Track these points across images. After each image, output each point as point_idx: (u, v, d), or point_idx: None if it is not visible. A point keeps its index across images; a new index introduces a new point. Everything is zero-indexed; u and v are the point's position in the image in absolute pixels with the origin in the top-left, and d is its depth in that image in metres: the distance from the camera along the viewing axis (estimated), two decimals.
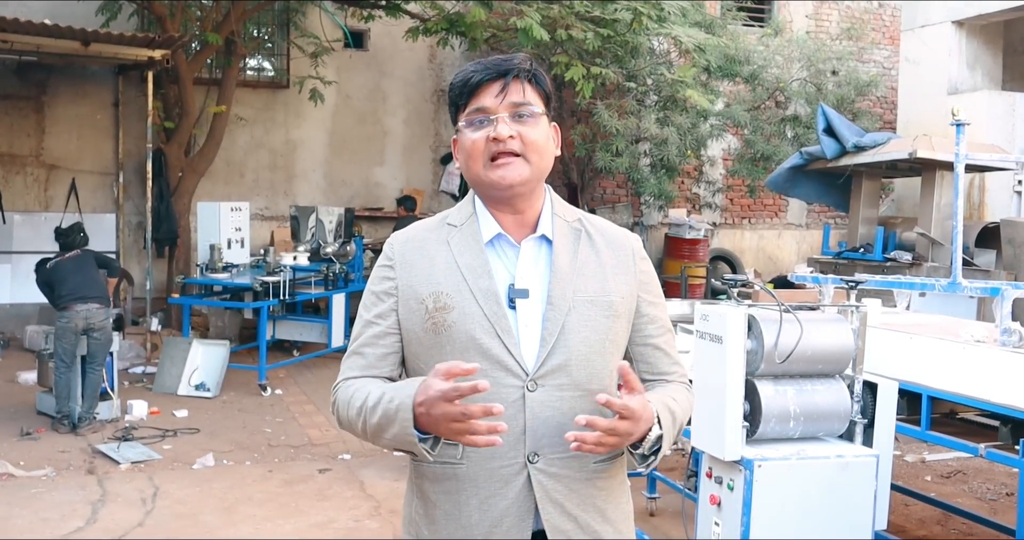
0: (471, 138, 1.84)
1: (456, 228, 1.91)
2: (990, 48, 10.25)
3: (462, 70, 1.89)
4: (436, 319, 1.83)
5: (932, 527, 5.38)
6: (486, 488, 1.81)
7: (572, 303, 1.84)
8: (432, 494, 1.87)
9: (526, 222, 1.90)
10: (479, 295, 1.83)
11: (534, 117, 1.84)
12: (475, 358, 1.79)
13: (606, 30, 9.33)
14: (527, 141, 1.83)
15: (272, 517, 5.28)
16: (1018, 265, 7.96)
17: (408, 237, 1.94)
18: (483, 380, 1.63)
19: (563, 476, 1.82)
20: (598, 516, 1.87)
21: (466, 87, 1.85)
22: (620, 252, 1.95)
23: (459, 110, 1.88)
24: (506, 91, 1.83)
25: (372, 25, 11.29)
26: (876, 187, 9.36)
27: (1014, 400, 3.89)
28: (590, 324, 1.85)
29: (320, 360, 9.77)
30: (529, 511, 1.81)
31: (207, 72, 11.10)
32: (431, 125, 12.58)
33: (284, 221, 11.67)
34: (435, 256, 1.88)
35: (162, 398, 7.96)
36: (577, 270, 1.88)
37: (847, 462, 3.63)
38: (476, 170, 1.85)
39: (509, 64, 1.85)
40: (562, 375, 1.82)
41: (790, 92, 11.94)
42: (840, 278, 4.20)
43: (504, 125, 1.81)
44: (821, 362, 3.71)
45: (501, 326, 1.81)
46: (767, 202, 13.99)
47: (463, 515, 1.83)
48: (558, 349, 1.82)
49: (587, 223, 1.96)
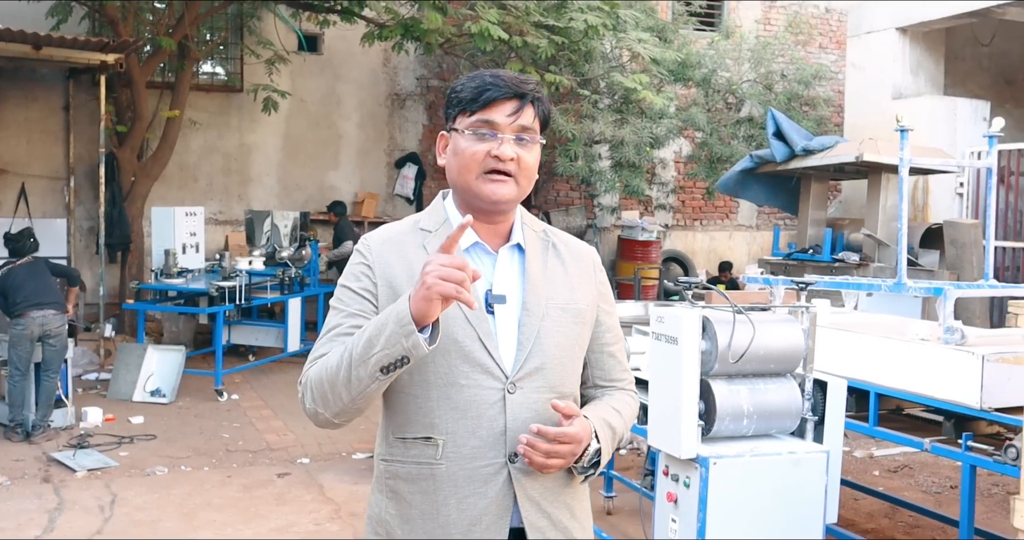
0: (472, 148, 1.88)
1: (431, 233, 1.94)
2: (932, 54, 10.52)
3: (477, 76, 1.91)
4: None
5: (880, 520, 5.54)
6: (465, 488, 1.85)
7: (546, 309, 1.92)
8: (407, 494, 1.89)
9: (500, 232, 1.96)
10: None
11: (532, 143, 1.91)
12: (456, 360, 1.85)
13: (560, 37, 9.43)
14: (523, 165, 1.89)
15: (232, 522, 5.28)
16: (961, 265, 8.19)
17: (385, 238, 1.96)
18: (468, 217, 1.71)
19: (540, 475, 1.88)
20: (567, 513, 1.94)
21: (480, 97, 1.88)
22: (582, 263, 2.04)
23: (463, 113, 1.90)
24: (519, 113, 1.88)
25: (326, 29, 11.28)
26: (824, 189, 9.57)
27: (957, 396, 4.04)
28: (562, 330, 1.93)
29: (276, 365, 9.75)
30: (507, 509, 1.86)
31: (160, 76, 11.02)
32: (385, 129, 12.59)
33: (238, 225, 11.62)
34: (413, 260, 1.90)
35: (117, 405, 7.90)
36: (548, 278, 1.96)
37: (799, 458, 3.74)
38: (468, 178, 1.89)
39: (526, 87, 1.89)
40: (539, 378, 1.89)
41: (742, 94, 12.16)
42: (791, 279, 4.32)
43: (509, 146, 1.87)
44: (773, 361, 3.82)
45: (482, 330, 1.86)
46: (718, 204, 14.20)
47: (441, 515, 1.86)
48: (535, 353, 1.89)
49: (551, 234, 2.04)
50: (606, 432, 1.93)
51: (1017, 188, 9.25)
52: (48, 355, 6.90)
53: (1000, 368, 3.96)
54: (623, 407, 2.04)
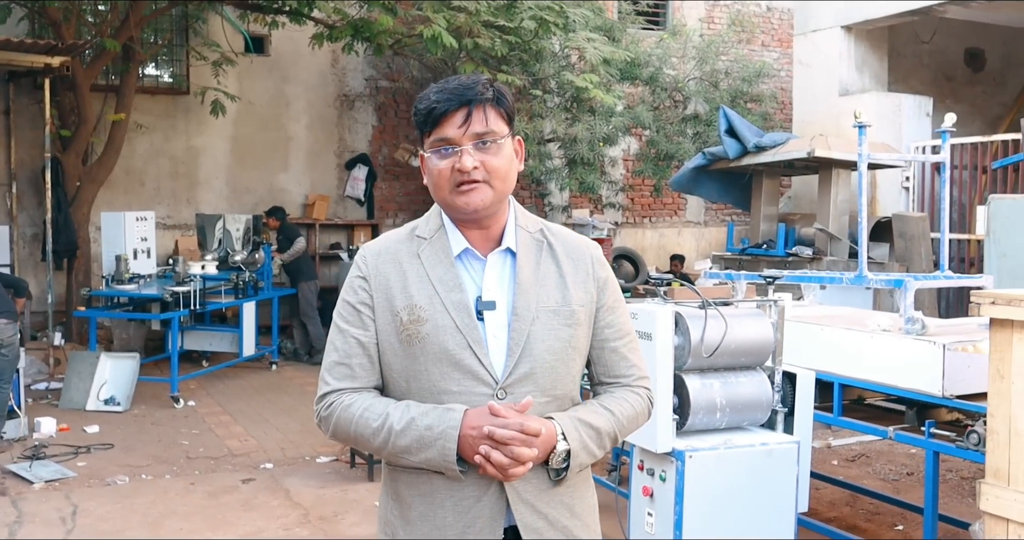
0: (437, 166, 1.92)
1: (426, 241, 1.98)
2: (876, 52, 10.75)
3: (425, 95, 1.94)
4: (410, 331, 1.91)
5: (842, 508, 5.65)
6: (461, 491, 1.89)
7: (536, 313, 1.93)
8: (408, 496, 1.95)
9: (491, 236, 1.98)
10: (451, 308, 1.91)
11: (497, 144, 1.91)
12: (448, 368, 1.89)
13: (512, 37, 9.45)
14: (490, 168, 1.90)
15: (199, 530, 5.21)
16: (910, 257, 8.39)
17: (380, 249, 2.01)
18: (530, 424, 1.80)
19: (532, 478, 1.90)
20: (566, 512, 1.96)
21: (430, 117, 1.91)
22: (580, 260, 2.03)
23: (424, 135, 1.94)
24: (469, 122, 1.89)
25: (274, 31, 11.16)
26: (776, 185, 9.72)
27: (919, 384, 4.15)
28: (553, 333, 1.94)
29: (231, 370, 9.63)
30: (501, 511, 1.90)
31: (104, 79, 10.81)
32: (335, 130, 12.50)
33: (188, 229, 11.45)
34: (407, 269, 1.95)
35: (70, 414, 7.74)
36: (540, 281, 1.97)
37: (771, 449, 3.81)
38: (443, 195, 1.93)
39: (471, 93, 1.90)
40: (529, 383, 1.91)
41: (688, 91, 12.30)
42: (759, 274, 4.39)
43: (468, 157, 1.88)
44: (744, 355, 3.89)
45: (472, 337, 1.89)
46: (667, 201, 14.34)
47: (437, 517, 1.91)
48: (524, 358, 1.91)
49: (548, 233, 2.05)
50: (582, 431, 1.91)
51: (960, 182, 9.50)
52: (0, 365, 6.73)
53: (960, 357, 4.08)
54: (618, 404, 2.01)
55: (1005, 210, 6.26)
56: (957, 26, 11.35)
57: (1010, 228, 6.13)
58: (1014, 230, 6.08)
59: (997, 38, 12.38)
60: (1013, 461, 3.21)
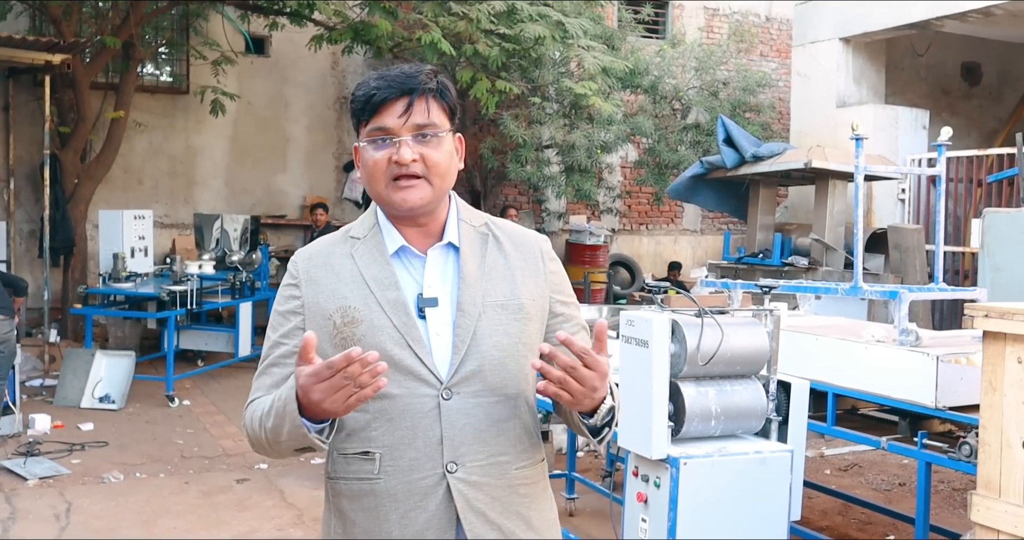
0: (373, 157, 1.81)
1: (359, 240, 1.88)
2: (874, 64, 10.81)
3: (364, 82, 1.84)
4: (345, 333, 1.81)
5: (834, 517, 5.68)
6: (405, 502, 1.79)
7: (482, 308, 1.83)
8: (350, 512, 1.84)
9: (431, 232, 1.89)
10: (387, 307, 1.81)
11: (438, 138, 1.82)
12: (388, 370, 1.73)
13: (511, 45, 9.49)
14: (430, 163, 1.80)
15: (194, 529, 5.23)
16: (904, 269, 8.43)
17: (311, 253, 1.92)
18: (354, 348, 1.57)
19: (484, 484, 1.80)
20: (522, 523, 1.85)
21: (368, 104, 1.80)
22: (528, 254, 1.94)
23: (361, 124, 1.84)
24: (410, 112, 1.79)
25: (274, 32, 11.20)
26: (772, 195, 9.76)
27: (913, 395, 4.18)
28: (501, 328, 1.84)
29: (227, 370, 9.64)
30: (451, 522, 1.79)
31: (103, 76, 10.83)
32: (334, 132, 12.54)
33: (185, 229, 11.47)
34: (340, 270, 1.86)
35: (65, 411, 7.75)
36: (486, 275, 1.87)
37: (765, 458, 3.84)
38: (378, 189, 1.83)
39: (413, 82, 1.80)
40: (476, 381, 1.81)
41: (688, 100, 12.35)
42: (755, 283, 4.42)
43: (407, 149, 1.78)
44: (739, 363, 3.91)
45: (411, 336, 1.80)
46: (664, 209, 14.39)
47: (383, 532, 1.80)
48: (471, 355, 1.81)
49: (494, 227, 1.95)
50: (615, 392, 1.82)
51: (955, 194, 9.55)
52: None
53: (954, 368, 4.11)
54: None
55: (1000, 224, 6.31)
56: (954, 40, 11.42)
57: (1004, 242, 6.18)
58: (1008, 244, 6.12)
59: (994, 53, 12.46)
60: (1004, 473, 3.24)
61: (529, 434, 1.90)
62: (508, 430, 1.85)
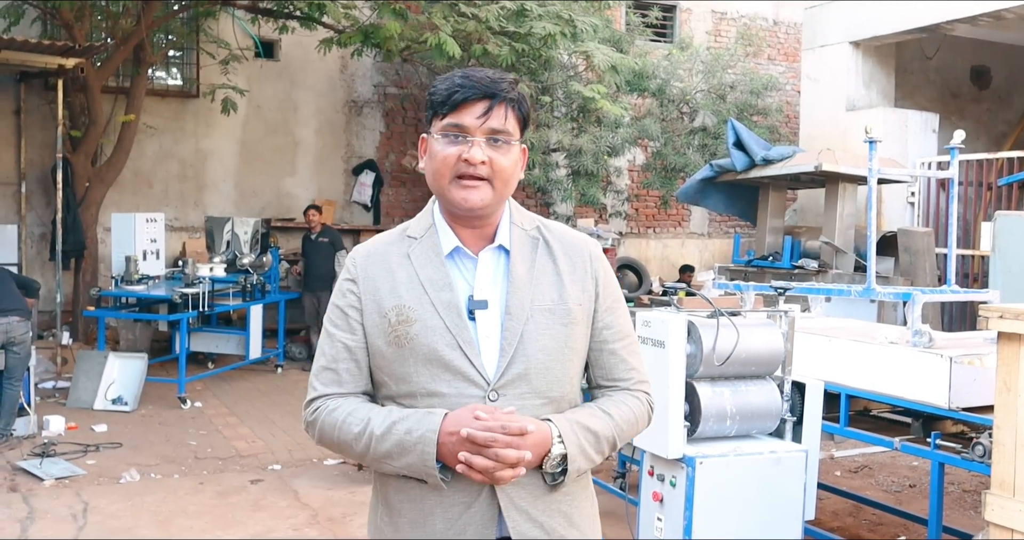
0: (443, 152, 1.85)
1: (416, 240, 1.93)
2: (884, 67, 10.83)
3: (448, 78, 1.88)
4: (399, 332, 1.85)
5: (845, 518, 5.70)
6: (451, 498, 1.82)
7: (530, 312, 1.86)
8: (397, 502, 1.89)
9: (484, 234, 1.92)
10: (440, 308, 1.85)
11: (508, 145, 1.86)
12: (437, 370, 1.83)
13: (521, 44, 9.52)
14: (496, 168, 1.85)
15: (210, 529, 5.26)
16: (914, 271, 8.45)
17: (369, 251, 1.96)
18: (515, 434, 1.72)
19: (527, 483, 1.83)
20: (564, 521, 1.88)
21: (449, 100, 1.84)
22: (578, 258, 1.96)
23: (436, 116, 1.87)
24: (489, 115, 1.83)
25: (283, 36, 11.24)
26: (782, 198, 9.78)
27: (926, 396, 4.21)
28: (548, 332, 1.87)
29: (237, 372, 9.68)
30: (493, 519, 1.83)
31: (114, 80, 10.89)
32: (342, 136, 12.57)
33: (195, 232, 11.51)
34: (397, 270, 1.90)
35: (78, 413, 7.79)
36: (535, 279, 1.90)
37: (779, 457, 3.88)
38: (441, 183, 1.87)
39: (496, 88, 1.84)
40: (522, 384, 1.84)
41: (695, 104, 12.37)
42: (769, 285, 4.45)
43: (478, 149, 1.83)
44: (754, 364, 3.95)
45: (462, 338, 1.83)
46: (671, 212, 14.41)
47: (428, 524, 1.84)
48: (517, 358, 1.84)
49: (545, 230, 1.98)
50: (580, 435, 1.83)
51: (965, 198, 9.57)
52: (11, 362, 6.79)
53: (967, 370, 4.14)
54: (617, 408, 1.93)
55: (1011, 227, 6.33)
56: (963, 44, 11.44)
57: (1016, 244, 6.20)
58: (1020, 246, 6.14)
59: (1002, 56, 12.48)
60: (1018, 472, 3.26)
61: None
62: None
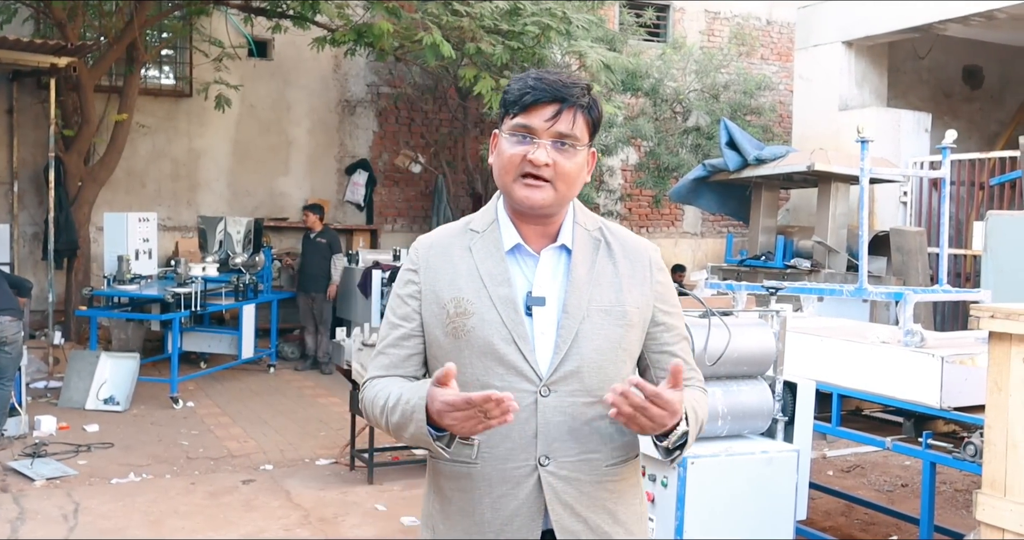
0: (510, 151, 1.89)
1: (479, 234, 1.97)
2: (876, 67, 10.85)
3: (522, 78, 1.92)
4: (456, 324, 1.90)
5: (837, 518, 5.71)
6: (499, 488, 1.88)
7: (587, 312, 1.90)
8: (448, 491, 1.95)
9: (547, 233, 1.96)
10: (498, 302, 1.89)
11: (574, 149, 1.89)
12: (491, 363, 1.88)
13: (514, 43, 9.51)
14: (560, 171, 1.88)
15: (201, 529, 5.25)
16: (906, 271, 8.46)
17: (432, 242, 2.01)
18: (493, 391, 1.68)
19: (573, 479, 1.88)
20: (608, 518, 1.93)
21: (520, 100, 1.88)
22: (638, 262, 2.00)
23: (507, 115, 1.92)
24: (557, 119, 1.87)
25: (277, 35, 11.22)
26: (775, 198, 9.79)
27: (918, 396, 4.21)
28: (603, 333, 1.90)
29: (230, 372, 9.67)
30: (539, 511, 1.88)
31: (107, 79, 10.85)
32: (336, 135, 12.55)
33: (188, 231, 11.49)
34: (458, 262, 1.94)
35: (69, 413, 7.78)
36: (594, 280, 1.93)
37: (771, 457, 3.87)
38: (506, 181, 1.92)
39: (567, 92, 1.87)
40: (574, 381, 1.88)
41: (688, 103, 12.37)
42: (761, 285, 4.45)
43: (543, 151, 1.86)
44: (746, 364, 3.94)
45: (518, 333, 1.88)
46: (664, 211, 14.41)
47: (476, 513, 1.90)
48: (571, 356, 1.88)
49: (607, 232, 2.01)
50: (692, 416, 1.88)
51: (957, 197, 9.59)
52: (3, 362, 6.77)
53: (958, 369, 4.15)
54: (700, 399, 1.99)
55: (1003, 226, 6.34)
56: (956, 43, 11.46)
57: (1008, 244, 6.21)
58: (1012, 246, 6.15)
59: (995, 56, 12.50)
60: (1009, 472, 3.27)
61: (622, 432, 1.94)
62: (601, 429, 1.91)
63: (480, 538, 1.91)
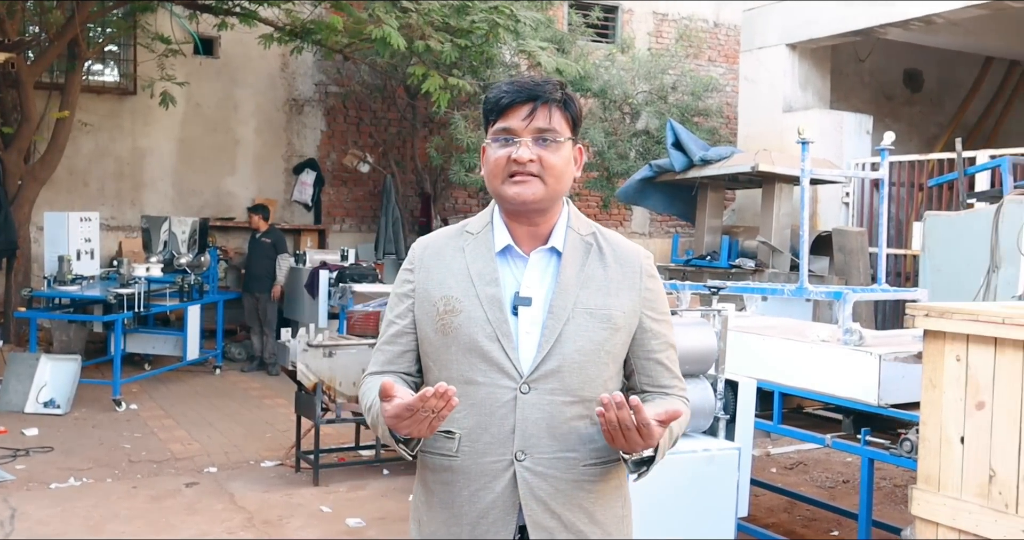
0: (495, 155, 1.96)
1: (472, 236, 2.03)
2: (819, 70, 11.02)
3: (497, 86, 2.00)
4: (445, 321, 1.96)
5: (780, 514, 5.79)
6: (476, 482, 1.93)
7: (572, 313, 1.94)
8: (431, 483, 2.01)
9: (539, 234, 2.01)
10: (485, 301, 1.94)
11: (556, 143, 1.95)
12: (475, 359, 1.93)
13: (463, 41, 9.51)
14: (546, 165, 1.93)
15: (142, 534, 5.17)
16: (848, 271, 8.61)
17: (428, 243, 2.08)
18: (426, 389, 1.72)
19: (548, 475, 1.91)
20: (584, 517, 1.94)
21: (496, 106, 1.96)
22: (628, 268, 2.03)
23: (489, 124, 1.99)
24: (533, 116, 1.93)
25: (223, 32, 11.09)
26: (720, 198, 9.89)
27: (856, 393, 4.29)
28: (587, 334, 1.94)
29: (174, 374, 9.54)
30: (514, 506, 1.92)
31: (48, 76, 10.65)
32: (283, 134, 12.44)
33: (132, 231, 11.31)
34: (450, 262, 2.01)
35: (7, 416, 7.61)
36: (582, 282, 1.97)
37: (713, 455, 3.92)
38: (495, 184, 1.97)
39: (539, 90, 1.95)
40: (554, 380, 1.92)
41: (637, 105, 12.45)
42: (704, 285, 4.50)
43: (525, 148, 1.92)
44: (688, 363, 3.97)
45: (502, 330, 1.93)
46: (613, 212, 14.49)
47: (455, 505, 1.96)
48: (553, 355, 1.92)
49: (601, 237, 2.05)
50: (666, 438, 1.90)
51: (897, 198, 9.77)
52: None
53: (896, 367, 4.23)
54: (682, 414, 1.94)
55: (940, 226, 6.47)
56: (896, 47, 11.68)
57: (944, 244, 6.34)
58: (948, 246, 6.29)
59: (934, 60, 12.77)
60: (943, 467, 3.34)
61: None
62: (580, 429, 1.94)
63: (457, 531, 1.96)
